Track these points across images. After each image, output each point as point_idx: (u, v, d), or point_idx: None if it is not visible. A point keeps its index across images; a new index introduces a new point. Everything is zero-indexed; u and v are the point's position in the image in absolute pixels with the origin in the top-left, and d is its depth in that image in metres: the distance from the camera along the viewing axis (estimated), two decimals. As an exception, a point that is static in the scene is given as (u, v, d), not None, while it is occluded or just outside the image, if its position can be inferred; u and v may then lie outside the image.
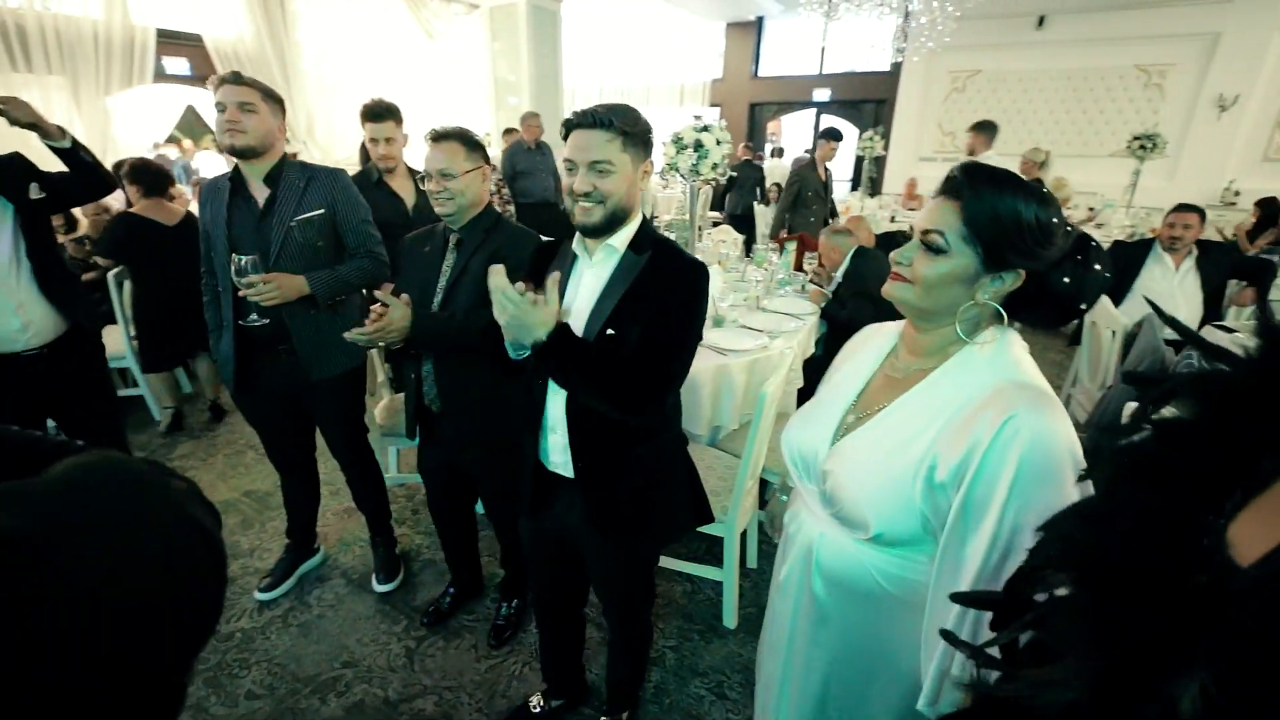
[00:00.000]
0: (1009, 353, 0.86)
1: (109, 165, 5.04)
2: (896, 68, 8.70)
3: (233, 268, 1.61)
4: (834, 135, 4.94)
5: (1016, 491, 0.75)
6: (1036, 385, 0.82)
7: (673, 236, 3.41)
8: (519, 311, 1.06)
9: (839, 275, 3.10)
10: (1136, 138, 5.74)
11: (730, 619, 2.02)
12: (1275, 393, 0.51)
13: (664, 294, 1.19)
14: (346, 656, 1.90)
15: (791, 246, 4.17)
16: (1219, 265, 3.15)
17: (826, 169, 5.02)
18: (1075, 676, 0.45)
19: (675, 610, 2.09)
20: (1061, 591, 0.55)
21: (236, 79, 1.67)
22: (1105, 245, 3.97)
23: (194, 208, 4.84)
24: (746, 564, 2.29)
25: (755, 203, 7.28)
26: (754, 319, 2.63)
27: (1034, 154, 5.27)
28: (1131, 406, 1.69)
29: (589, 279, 1.24)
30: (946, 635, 0.63)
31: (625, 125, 1.13)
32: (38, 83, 4.72)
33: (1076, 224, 4.06)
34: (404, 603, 2.11)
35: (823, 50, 9.67)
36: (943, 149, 8.99)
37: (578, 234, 1.24)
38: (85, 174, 1.90)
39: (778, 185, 7.27)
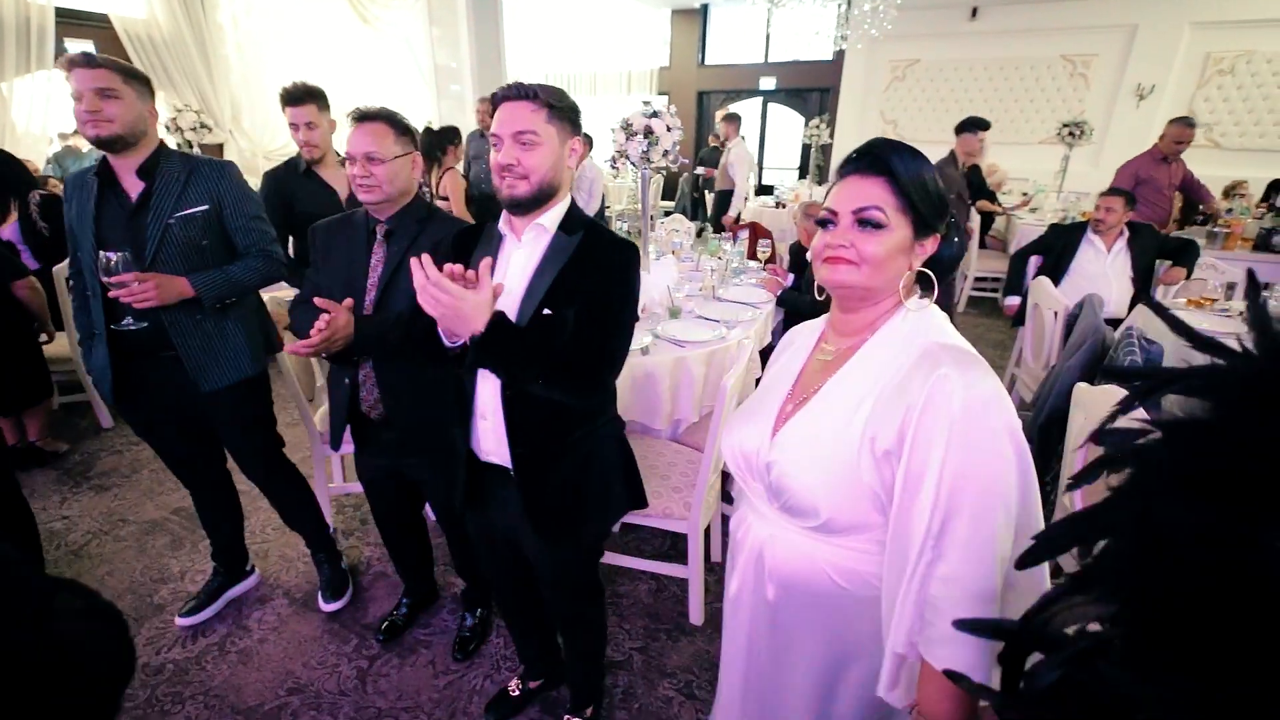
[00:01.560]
0: (931, 320, 0.89)
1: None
2: (840, 56, 8.84)
3: (99, 266, 1.45)
4: (977, 125, 4.17)
5: (951, 452, 0.75)
6: (960, 345, 0.84)
7: (624, 226, 3.35)
8: (454, 301, 0.98)
9: (810, 259, 3.10)
10: (1065, 125, 6.01)
11: (697, 616, 1.99)
12: None
13: (600, 275, 1.16)
14: (292, 683, 1.77)
15: (744, 235, 4.17)
16: (1147, 246, 3.31)
17: (972, 166, 4.34)
18: None
19: (641, 610, 2.05)
20: (1090, 608, 0.49)
21: (89, 61, 1.48)
22: (1041, 229, 4.12)
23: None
24: (711, 558, 2.27)
25: (705, 190, 7.30)
26: (710, 309, 2.60)
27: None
28: (1084, 388, 1.70)
29: (518, 259, 1.20)
30: (953, 676, 0.57)
31: (551, 98, 1.11)
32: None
33: (1012, 208, 4.21)
34: (354, 620, 1.99)
35: (767, 38, 9.72)
36: (885, 137, 9.21)
37: (504, 214, 1.20)
38: None
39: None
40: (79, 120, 1.50)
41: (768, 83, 9.90)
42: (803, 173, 9.39)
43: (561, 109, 1.13)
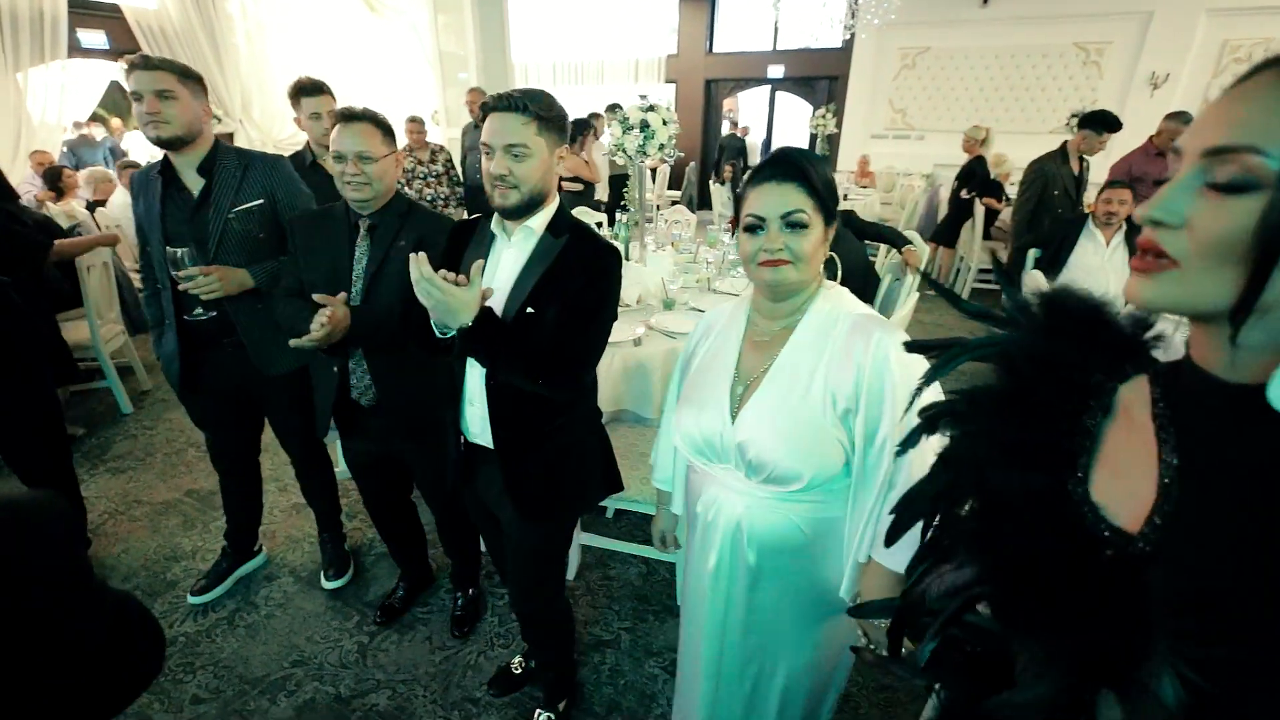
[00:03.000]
0: (843, 295, 1.06)
1: (26, 147, 4.73)
2: (849, 44, 8.76)
3: (168, 261, 1.54)
4: (1103, 125, 3.89)
5: (898, 397, 0.92)
6: (877, 314, 1.03)
7: (622, 219, 3.38)
8: (445, 297, 1.06)
9: None
10: (1074, 115, 5.95)
11: (684, 599, 2.06)
12: (1069, 356, 0.55)
13: (581, 278, 1.22)
14: (296, 655, 1.87)
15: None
16: (1146, 240, 3.31)
17: (1084, 163, 4.10)
18: (1053, 692, 0.46)
19: (630, 592, 2.12)
20: (953, 575, 0.57)
21: (147, 63, 1.55)
22: (1044, 221, 4.11)
23: (119, 195, 4.59)
24: (701, 543, 2.33)
25: (711, 180, 7.32)
26: (704, 301, 2.65)
27: (974, 131, 5.40)
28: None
29: (508, 258, 1.28)
30: (856, 650, 0.74)
31: (540, 110, 1.15)
32: (-64, 57, 4.35)
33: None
34: (356, 598, 2.09)
35: (776, 26, 9.64)
36: (894, 126, 9.11)
37: (496, 215, 1.26)
38: None
39: (734, 164, 7.31)
40: (140, 121, 1.57)
41: (776, 71, 9.82)
42: (810, 162, 9.35)
43: (550, 119, 1.17)
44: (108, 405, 3.40)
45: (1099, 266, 3.30)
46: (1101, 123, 3.95)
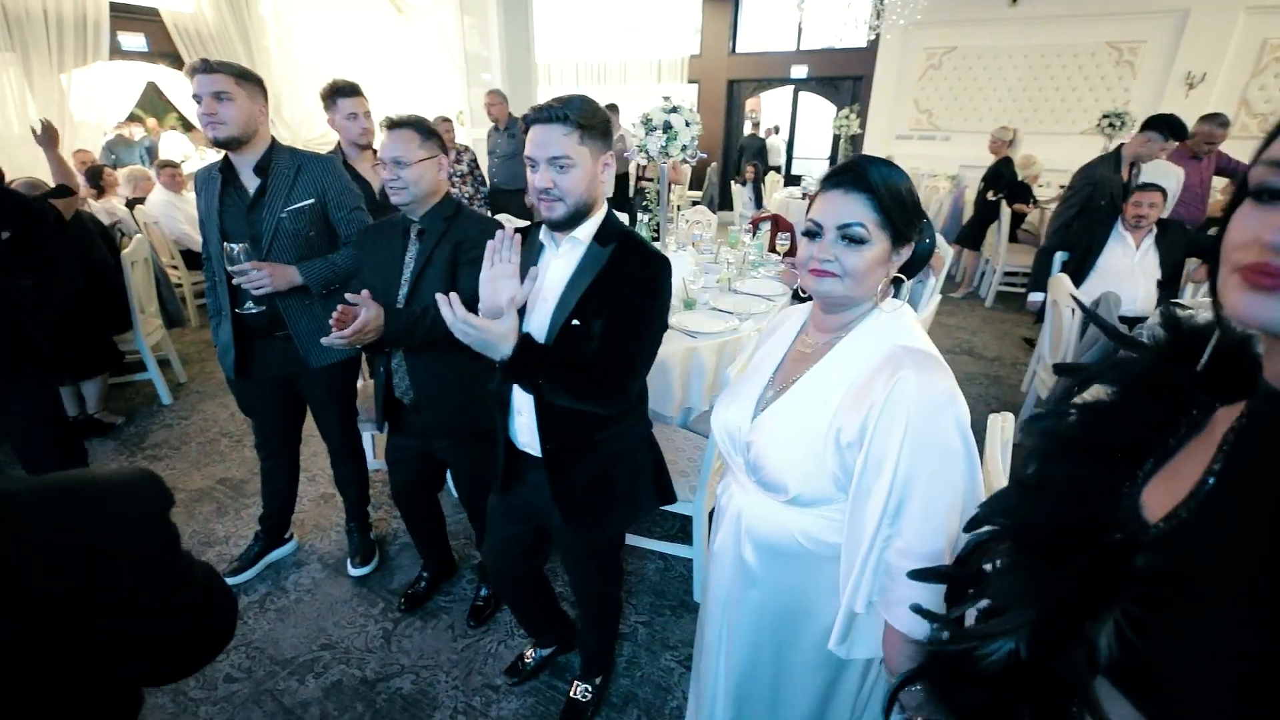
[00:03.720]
0: (901, 321, 0.97)
1: (69, 146, 4.89)
2: (874, 44, 8.68)
3: (225, 255, 1.61)
4: (1170, 129, 3.48)
5: (906, 445, 0.85)
6: (923, 349, 0.92)
7: (643, 219, 3.41)
8: (481, 335, 1.07)
9: None
10: (1105, 115, 5.83)
11: (700, 595, 2.08)
12: (1176, 378, 0.57)
13: (627, 288, 1.21)
14: (324, 639, 1.93)
15: (765, 227, 4.20)
16: (1177, 244, 3.24)
17: (1135, 170, 3.76)
18: (1012, 628, 0.51)
19: (648, 587, 2.15)
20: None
21: (206, 67, 1.62)
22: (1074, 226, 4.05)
23: (157, 193, 4.73)
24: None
25: (732, 181, 7.31)
26: (724, 301, 2.67)
27: (1002, 132, 5.34)
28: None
29: (555, 269, 1.28)
30: (916, 608, 0.70)
31: (582, 119, 1.13)
32: (-13, 59, 4.53)
33: (1047, 201, 4.11)
34: (381, 586, 2.15)
35: (799, 25, 9.58)
36: (919, 126, 9.01)
37: (544, 225, 1.27)
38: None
39: (755, 165, 7.30)
40: (200, 122, 1.65)
41: (799, 71, 9.77)
42: (833, 162, 9.30)
43: (593, 128, 1.16)
44: (145, 396, 3.52)
45: (1128, 270, 3.24)
46: (1168, 126, 3.49)
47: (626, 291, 1.21)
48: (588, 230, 1.24)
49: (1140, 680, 0.45)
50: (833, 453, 0.93)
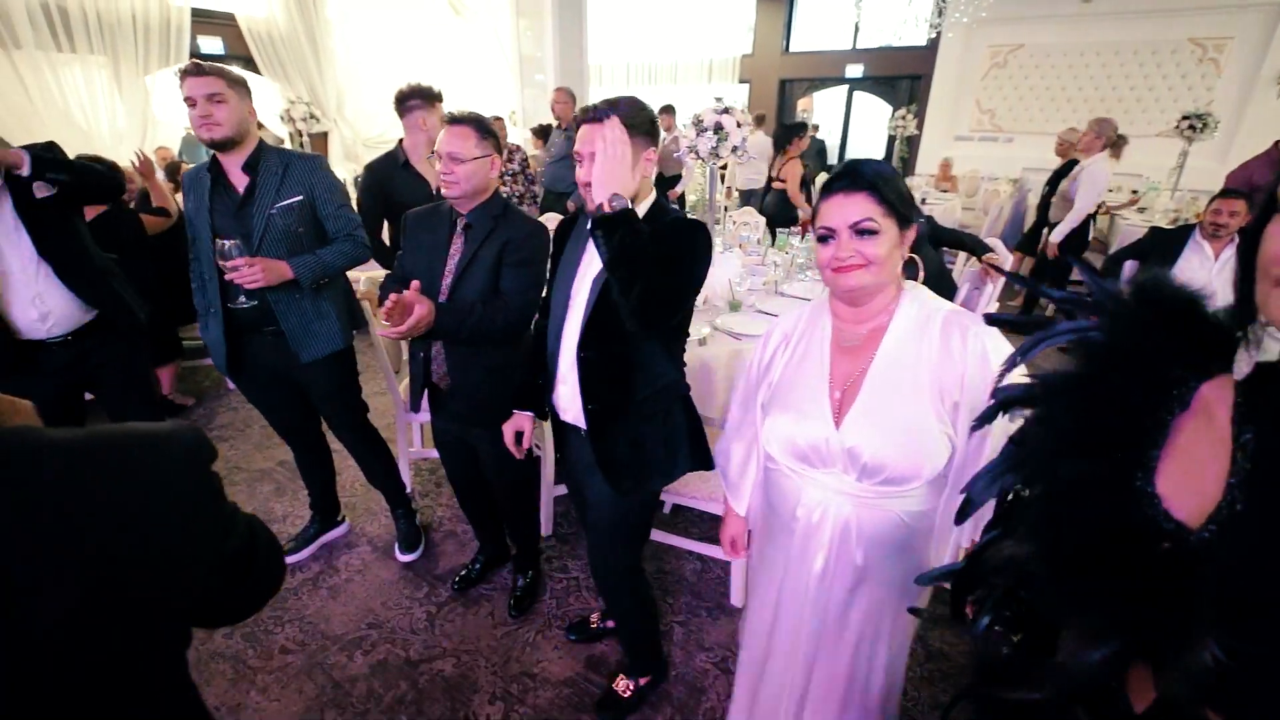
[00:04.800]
0: (926, 294, 1.08)
1: (150, 144, 5.22)
2: (934, 42, 8.42)
3: (217, 252, 1.66)
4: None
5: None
6: (965, 310, 1.06)
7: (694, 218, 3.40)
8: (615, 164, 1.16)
9: None
10: (1185, 117, 5.50)
11: (738, 598, 2.07)
12: (1153, 352, 0.54)
13: (658, 252, 1.22)
14: (372, 618, 2.01)
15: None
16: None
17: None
18: (1099, 661, 0.49)
19: (685, 588, 2.15)
20: (1012, 549, 0.59)
21: (199, 70, 1.67)
22: (1143, 231, 3.85)
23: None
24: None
25: (738, 192, 7.20)
26: (770, 304, 2.64)
27: (1070, 134, 5.09)
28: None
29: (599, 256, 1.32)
30: (914, 611, 0.71)
31: (625, 117, 1.20)
32: (80, 62, 4.87)
33: (1117, 207, 3.94)
34: (426, 571, 2.22)
35: (856, 24, 9.38)
36: (980, 127, 8.69)
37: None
38: (69, 188, 1.87)
39: (808, 166, 7.18)
40: (194, 124, 1.71)
41: (854, 70, 9.57)
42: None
43: (637, 124, 1.23)
44: (214, 380, 3.74)
45: (1206, 283, 3.02)
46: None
47: (660, 259, 1.22)
48: None
49: (1233, 701, 0.44)
50: (944, 415, 1.00)
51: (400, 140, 2.66)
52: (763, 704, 1.40)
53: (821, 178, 7.36)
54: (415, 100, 2.50)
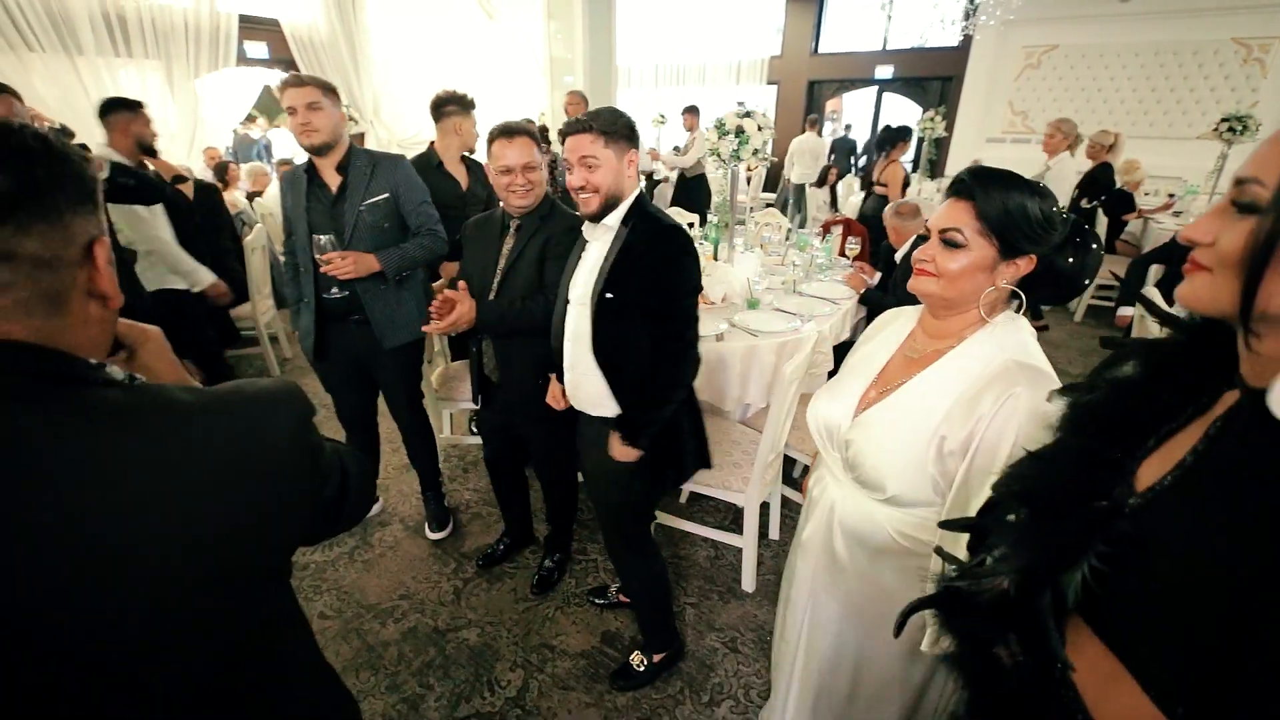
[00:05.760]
0: (1017, 336, 0.98)
1: (199, 144, 5.49)
2: (966, 43, 8.33)
3: (314, 247, 1.82)
4: None
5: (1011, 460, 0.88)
6: (1038, 366, 0.94)
7: (713, 219, 3.49)
8: None
9: (897, 259, 3.09)
10: (1225, 119, 5.37)
11: (749, 583, 2.15)
12: (1200, 361, 0.63)
13: (646, 256, 1.40)
14: (403, 590, 2.15)
15: (837, 230, 4.17)
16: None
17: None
18: (1005, 572, 0.61)
19: (698, 572, 2.24)
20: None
21: (299, 81, 1.82)
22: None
23: (274, 187, 5.24)
24: (769, 535, 2.41)
25: (809, 184, 7.23)
26: (789, 302, 2.71)
27: (1101, 136, 5.02)
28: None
29: (592, 252, 1.50)
30: (939, 551, 0.78)
31: (603, 126, 1.35)
32: (135, 66, 5.14)
33: (1152, 211, 3.98)
34: (454, 549, 2.35)
35: (887, 24, 9.32)
36: (1012, 129, 8.57)
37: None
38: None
39: (835, 168, 7.19)
40: (294, 131, 1.86)
41: (884, 71, 9.50)
42: (914, 166, 8.98)
43: (615, 132, 1.37)
44: (258, 368, 3.94)
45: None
46: None
47: (649, 269, 1.39)
48: (615, 217, 1.44)
49: (1100, 619, 0.55)
50: (934, 459, 0.96)
51: (432, 142, 2.80)
52: (779, 680, 1.48)
53: (847, 181, 7.35)
54: (451, 106, 2.63)
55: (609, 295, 1.41)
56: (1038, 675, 0.59)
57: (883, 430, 1.03)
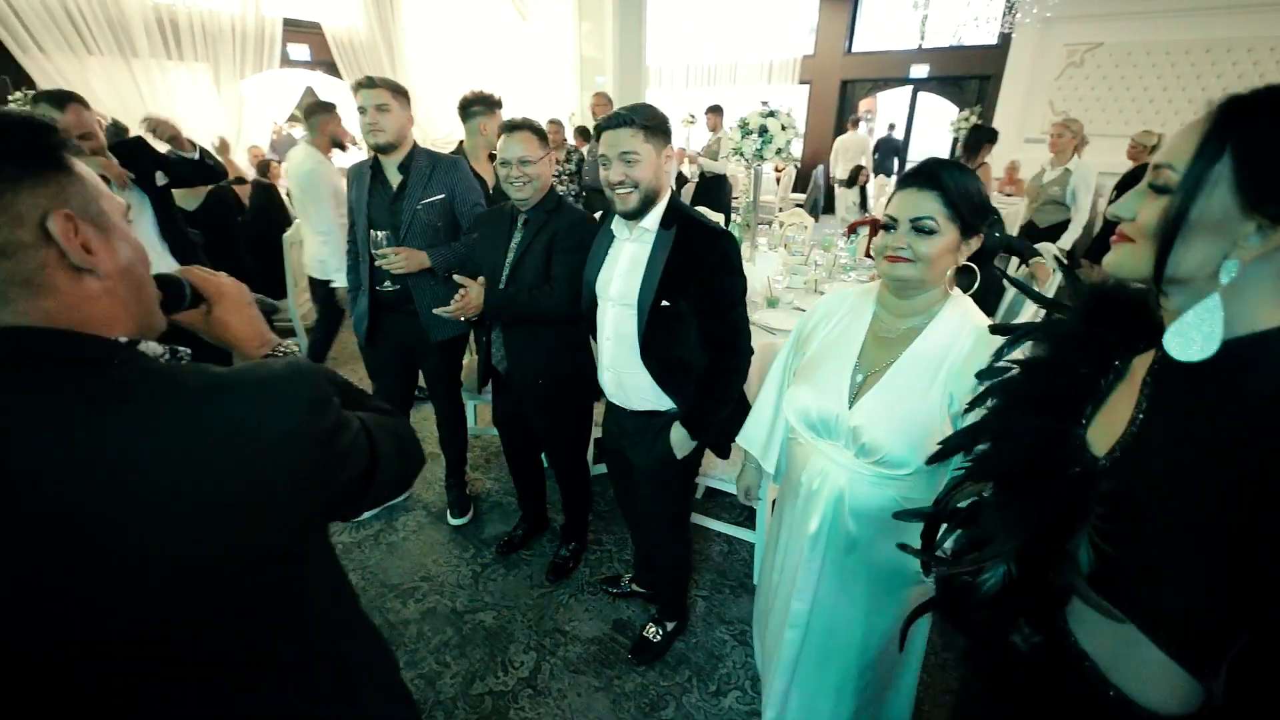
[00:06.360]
0: (969, 308, 1.12)
1: (241, 143, 5.71)
2: (1005, 41, 8.14)
3: (371, 241, 1.91)
4: None
5: None
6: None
7: (736, 219, 3.50)
8: None
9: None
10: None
11: (760, 578, 2.17)
12: (1098, 334, 0.69)
13: (698, 265, 1.40)
14: (424, 572, 2.23)
15: (864, 231, 4.14)
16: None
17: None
18: (1003, 553, 0.65)
19: (711, 566, 2.27)
20: (971, 486, 0.74)
21: (370, 83, 1.90)
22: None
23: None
24: (783, 532, 2.43)
25: (837, 185, 7.17)
26: (808, 302, 2.71)
27: (1145, 137, 4.88)
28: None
29: (628, 252, 1.49)
30: (903, 547, 0.84)
31: (644, 120, 1.35)
32: (186, 69, 5.38)
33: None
34: (473, 535, 2.43)
35: (924, 22, 9.16)
36: (1052, 129, 8.35)
37: (616, 216, 1.47)
38: (205, 171, 2.33)
39: (864, 168, 7.12)
40: (362, 129, 1.95)
41: (919, 70, 9.35)
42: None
43: (654, 127, 1.37)
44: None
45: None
46: None
47: (703, 276, 1.40)
48: (654, 218, 1.44)
49: (1113, 580, 0.58)
50: (945, 419, 1.05)
51: (461, 141, 2.88)
52: (760, 662, 1.51)
53: (879, 181, 7.29)
54: (478, 106, 2.71)
55: (665, 303, 1.42)
56: (1055, 653, 0.63)
57: (890, 409, 1.09)
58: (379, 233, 1.89)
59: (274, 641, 0.63)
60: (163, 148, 2.37)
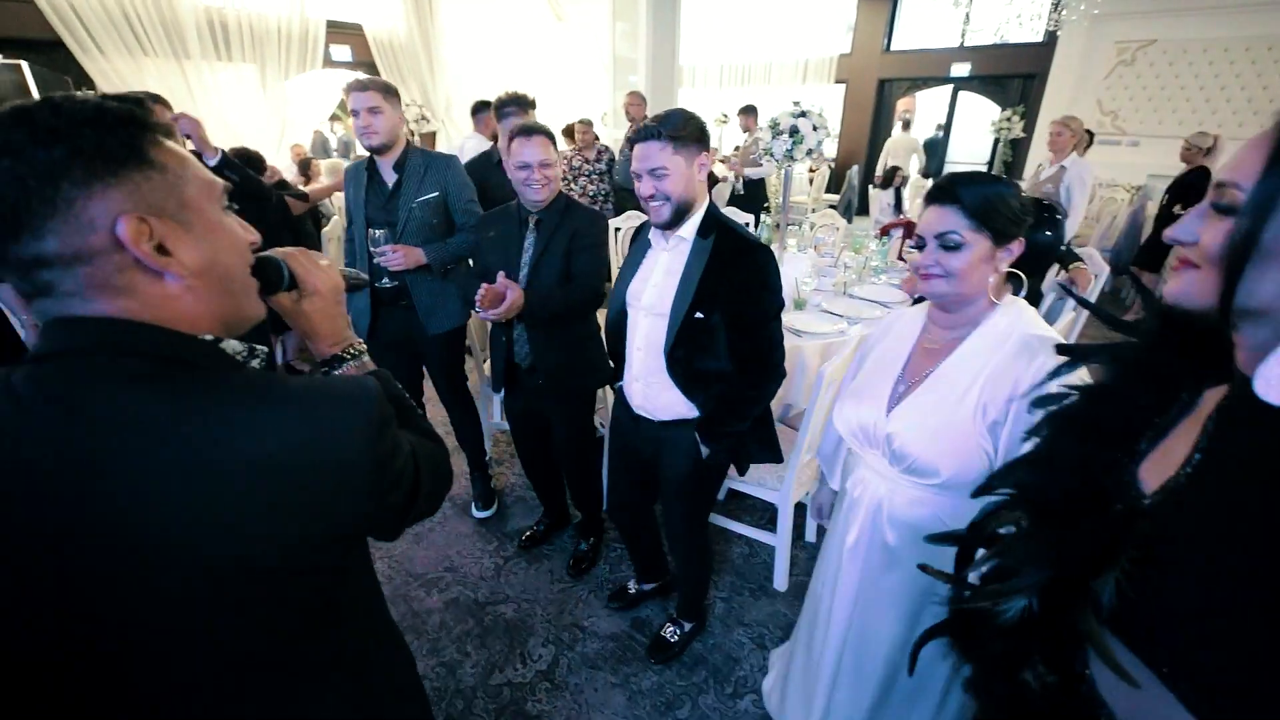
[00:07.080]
0: (1023, 314, 1.09)
1: (285, 141, 5.88)
2: (1051, 38, 7.88)
3: (369, 239, 1.96)
4: None
5: None
6: (1051, 335, 1.04)
7: (767, 221, 3.47)
8: None
9: None
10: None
11: (781, 582, 2.16)
12: (1167, 363, 0.64)
13: (737, 284, 1.39)
14: (448, 563, 2.27)
15: (897, 233, 4.07)
16: None
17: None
18: (1026, 586, 0.62)
19: (731, 569, 2.26)
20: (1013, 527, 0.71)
21: (361, 86, 1.94)
22: None
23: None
24: (806, 537, 2.41)
25: (871, 185, 7.05)
26: (837, 304, 2.68)
27: (1200, 138, 4.68)
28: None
29: (664, 262, 1.49)
30: (923, 567, 0.81)
31: (672, 132, 1.32)
32: (234, 69, 5.58)
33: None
34: (496, 528, 2.47)
35: (966, 19, 8.93)
36: (1101, 130, 8.03)
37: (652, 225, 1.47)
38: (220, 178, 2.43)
39: (896, 167, 6.98)
40: (356, 132, 2.00)
41: (960, 69, 9.11)
42: (990, 167, 8.57)
43: (684, 137, 1.34)
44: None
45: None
46: None
47: (738, 289, 1.40)
48: (690, 227, 1.43)
49: (1134, 627, 0.54)
50: (981, 430, 1.04)
51: (494, 141, 2.92)
52: (795, 673, 1.50)
53: (916, 182, 7.17)
54: (512, 107, 2.74)
55: (699, 315, 1.41)
56: (1069, 696, 0.59)
57: (924, 416, 1.09)
58: (377, 231, 1.94)
59: (305, 645, 0.64)
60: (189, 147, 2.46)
